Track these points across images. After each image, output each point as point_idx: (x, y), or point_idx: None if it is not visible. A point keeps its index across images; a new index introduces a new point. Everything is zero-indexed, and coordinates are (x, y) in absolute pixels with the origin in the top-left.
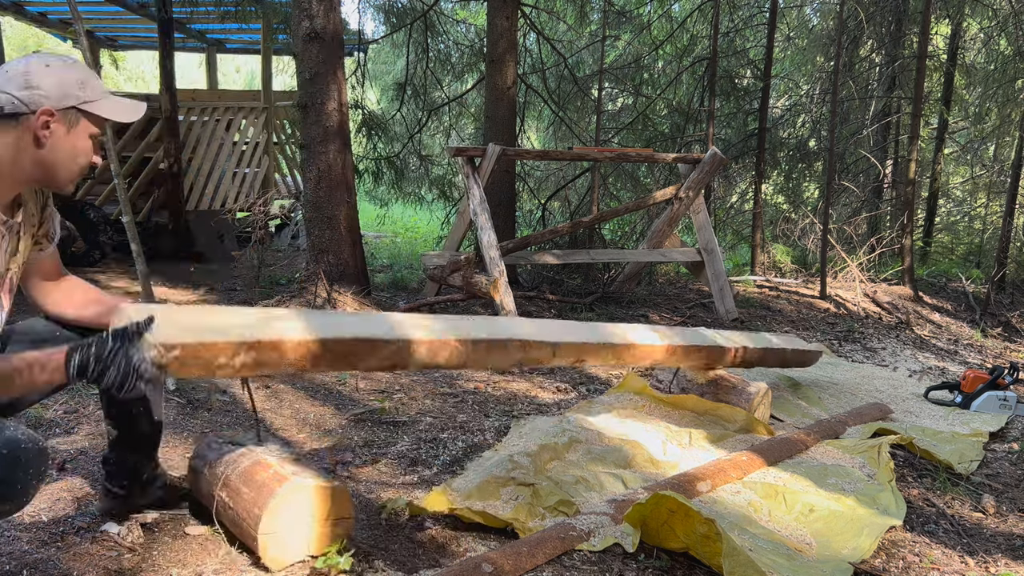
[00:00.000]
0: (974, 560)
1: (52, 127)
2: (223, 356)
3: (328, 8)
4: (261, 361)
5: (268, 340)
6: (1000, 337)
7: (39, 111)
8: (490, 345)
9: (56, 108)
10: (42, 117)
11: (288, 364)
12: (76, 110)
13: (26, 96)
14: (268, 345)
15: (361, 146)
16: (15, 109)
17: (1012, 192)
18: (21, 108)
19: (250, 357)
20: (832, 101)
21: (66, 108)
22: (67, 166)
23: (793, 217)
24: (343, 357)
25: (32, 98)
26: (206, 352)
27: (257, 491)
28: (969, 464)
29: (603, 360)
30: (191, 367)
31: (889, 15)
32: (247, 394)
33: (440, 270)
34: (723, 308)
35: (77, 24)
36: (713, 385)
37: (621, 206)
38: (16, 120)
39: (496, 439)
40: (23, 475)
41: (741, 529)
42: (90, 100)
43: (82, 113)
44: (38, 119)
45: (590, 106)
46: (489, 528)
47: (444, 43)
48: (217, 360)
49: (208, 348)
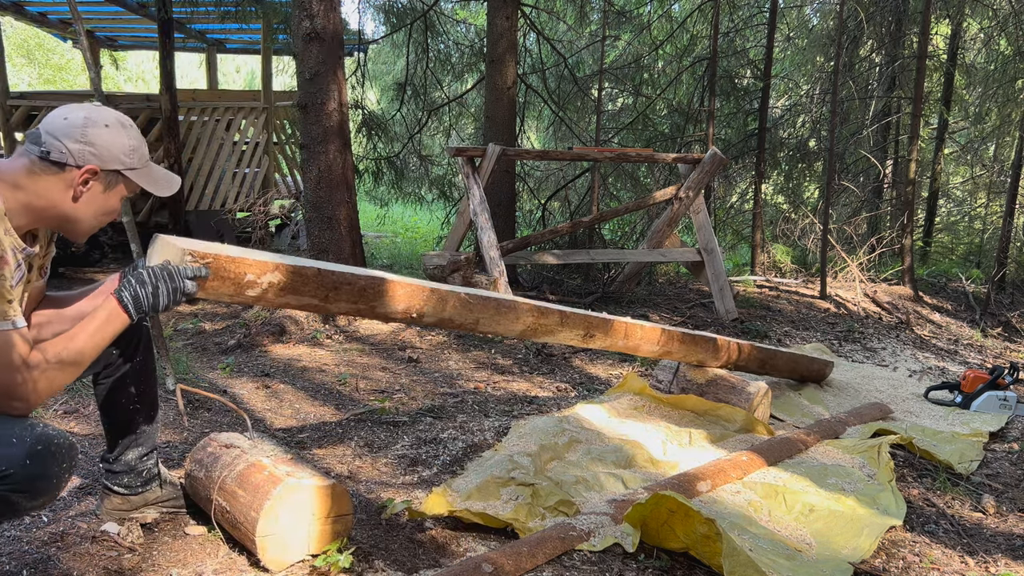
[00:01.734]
0: (974, 560)
1: (91, 184)
2: (251, 273)
3: (328, 8)
4: (287, 286)
5: (292, 264)
6: (1000, 337)
7: (84, 167)
8: (499, 305)
9: (101, 168)
10: (85, 174)
11: (308, 294)
12: (119, 174)
13: (76, 150)
14: (292, 269)
15: (361, 146)
16: (62, 159)
17: (1012, 192)
18: (68, 160)
19: (276, 277)
20: (832, 101)
21: (110, 170)
22: (91, 222)
23: (793, 217)
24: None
25: (82, 153)
26: (235, 267)
27: (253, 494)
28: (969, 464)
29: (611, 338)
30: (223, 283)
31: (889, 15)
32: (236, 400)
33: (440, 270)
34: (723, 308)
35: (77, 24)
36: (713, 385)
37: (621, 206)
38: (61, 169)
39: (496, 439)
40: (56, 469)
41: (741, 529)
42: (134, 168)
43: (123, 178)
44: (81, 175)
45: (590, 106)
46: (489, 528)
47: (444, 43)
48: (246, 276)
49: (237, 263)
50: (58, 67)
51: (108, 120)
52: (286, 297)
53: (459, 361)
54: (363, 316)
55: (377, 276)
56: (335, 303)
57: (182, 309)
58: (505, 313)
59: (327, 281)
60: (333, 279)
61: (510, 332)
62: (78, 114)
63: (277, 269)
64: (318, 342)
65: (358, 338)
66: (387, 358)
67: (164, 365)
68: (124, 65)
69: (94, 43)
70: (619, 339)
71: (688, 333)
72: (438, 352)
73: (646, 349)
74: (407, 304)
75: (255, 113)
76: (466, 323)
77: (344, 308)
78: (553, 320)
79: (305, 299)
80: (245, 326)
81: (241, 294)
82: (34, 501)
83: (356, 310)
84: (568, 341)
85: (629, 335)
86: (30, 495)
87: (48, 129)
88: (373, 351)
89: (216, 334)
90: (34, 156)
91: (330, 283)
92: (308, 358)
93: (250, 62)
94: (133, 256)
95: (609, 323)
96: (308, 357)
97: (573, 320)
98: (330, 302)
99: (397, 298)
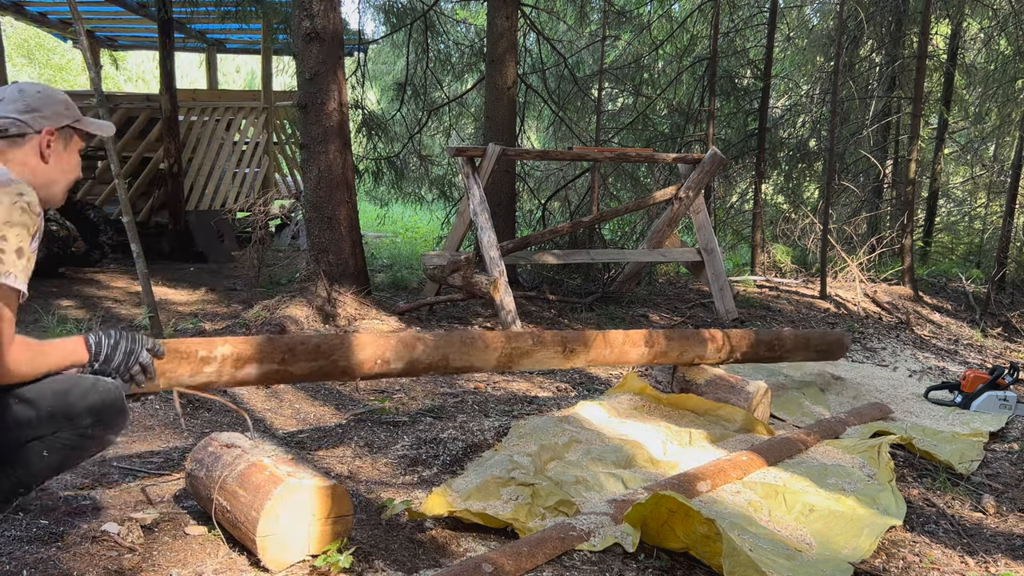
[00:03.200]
0: (974, 560)
1: (52, 145)
2: (203, 349)
3: (328, 8)
4: (242, 355)
5: (241, 336)
6: (1000, 337)
7: (43, 130)
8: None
9: (55, 127)
10: (46, 136)
11: (266, 360)
12: (70, 128)
13: (28, 118)
14: (242, 339)
15: (361, 146)
16: (20, 130)
17: (1012, 192)
18: (26, 129)
19: (228, 349)
20: (832, 101)
21: (62, 127)
22: (63, 180)
23: (793, 217)
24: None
25: (34, 120)
26: (185, 345)
27: (253, 494)
28: (969, 464)
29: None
30: (179, 363)
31: (889, 15)
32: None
33: (440, 270)
34: (723, 308)
35: (77, 24)
36: (712, 385)
37: (621, 206)
38: (22, 139)
39: (496, 439)
40: (124, 408)
41: (741, 529)
42: (78, 119)
43: (74, 130)
44: (43, 137)
45: (590, 106)
46: (489, 528)
47: (444, 43)
48: (198, 353)
49: (187, 343)
50: (58, 67)
51: (38, 88)
52: (246, 368)
53: None
54: (328, 376)
55: (331, 334)
56: (294, 364)
57: (182, 309)
58: (472, 344)
59: (279, 344)
60: (285, 341)
61: (486, 364)
62: (10, 92)
63: (227, 342)
64: None
65: None
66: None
67: None
68: (124, 65)
69: (94, 43)
70: (603, 350)
71: (673, 331)
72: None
73: (635, 355)
74: (371, 353)
75: (255, 113)
76: (435, 362)
77: (304, 369)
78: (526, 343)
79: (265, 366)
80: (245, 326)
81: (200, 372)
82: (118, 436)
83: (318, 369)
84: (550, 364)
85: (610, 343)
86: (116, 430)
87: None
88: None
89: (216, 334)
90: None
91: (284, 346)
92: None
93: (250, 62)
94: (133, 256)
95: (585, 335)
96: None
97: (547, 339)
98: (288, 364)
99: (357, 349)
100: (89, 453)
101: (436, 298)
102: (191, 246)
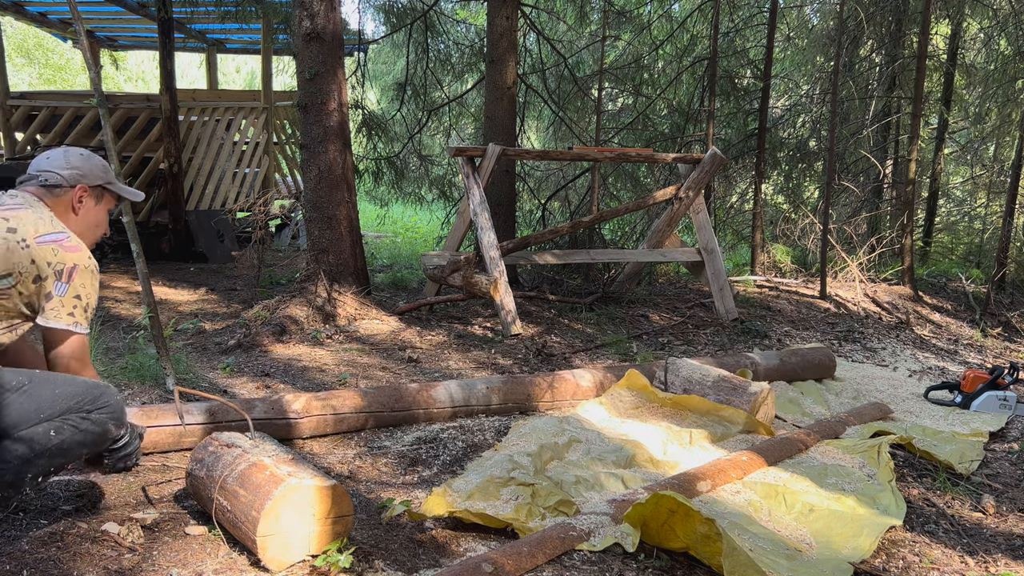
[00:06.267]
0: (974, 560)
1: (84, 200)
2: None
3: (328, 8)
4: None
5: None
6: (1000, 337)
7: (77, 186)
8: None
9: (89, 185)
10: (80, 192)
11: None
12: (103, 188)
13: (67, 174)
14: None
15: (361, 146)
16: (57, 183)
17: (1012, 192)
18: (62, 183)
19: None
20: (832, 101)
21: (95, 186)
22: (90, 234)
23: (793, 217)
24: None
25: (72, 176)
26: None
27: (254, 494)
28: (969, 464)
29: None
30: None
31: (889, 15)
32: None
33: (440, 270)
34: (723, 308)
35: (77, 24)
36: (715, 386)
37: (621, 206)
38: (59, 190)
39: (496, 439)
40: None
41: (741, 529)
42: (111, 182)
43: (106, 191)
44: (76, 193)
45: (590, 106)
46: (489, 528)
47: (444, 43)
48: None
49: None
50: (58, 67)
51: (81, 151)
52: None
53: (459, 361)
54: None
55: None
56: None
57: (182, 309)
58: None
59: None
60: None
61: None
62: (57, 152)
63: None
64: (318, 342)
65: (358, 338)
66: (387, 358)
67: (164, 365)
68: (124, 65)
69: (94, 43)
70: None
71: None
72: (438, 352)
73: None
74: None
75: (255, 113)
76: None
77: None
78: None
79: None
80: (245, 326)
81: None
82: (121, 429)
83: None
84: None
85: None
86: (119, 422)
87: (38, 168)
88: (373, 351)
89: (216, 334)
90: (35, 187)
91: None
92: (308, 358)
93: (250, 62)
94: (133, 256)
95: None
96: (308, 357)
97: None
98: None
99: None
100: (91, 441)
101: (436, 298)
102: (191, 246)
